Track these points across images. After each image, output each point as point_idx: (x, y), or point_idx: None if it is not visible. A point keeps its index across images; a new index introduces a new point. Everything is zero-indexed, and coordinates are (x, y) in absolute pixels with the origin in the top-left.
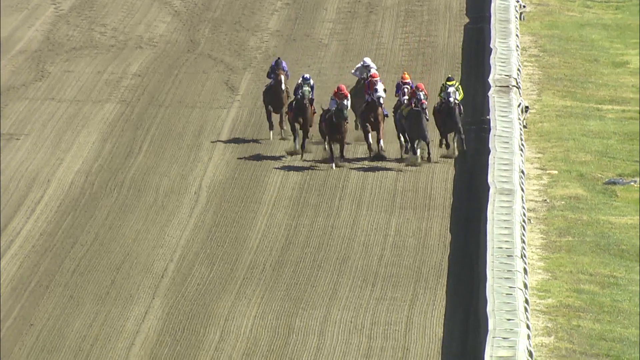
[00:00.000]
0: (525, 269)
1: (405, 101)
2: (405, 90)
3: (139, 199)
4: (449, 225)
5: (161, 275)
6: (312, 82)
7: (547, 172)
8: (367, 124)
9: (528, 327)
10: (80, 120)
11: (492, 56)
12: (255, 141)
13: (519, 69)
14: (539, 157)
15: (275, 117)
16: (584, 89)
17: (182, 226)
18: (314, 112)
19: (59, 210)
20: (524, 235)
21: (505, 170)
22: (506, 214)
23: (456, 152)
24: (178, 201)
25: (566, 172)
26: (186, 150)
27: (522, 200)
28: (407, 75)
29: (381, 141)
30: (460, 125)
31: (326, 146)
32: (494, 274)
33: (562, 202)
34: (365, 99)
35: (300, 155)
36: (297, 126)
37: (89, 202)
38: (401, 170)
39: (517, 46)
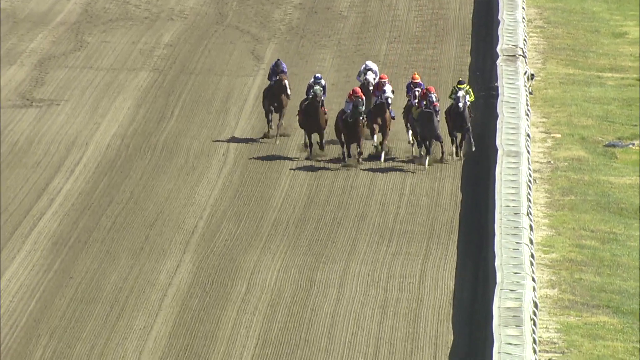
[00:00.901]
0: (531, 226)
1: (416, 103)
2: (417, 92)
3: (171, 160)
4: (459, 185)
5: (191, 231)
6: (323, 81)
7: (551, 135)
8: (375, 125)
9: (533, 280)
10: (116, 87)
11: (500, 27)
12: None
13: (525, 40)
14: (543, 122)
15: (274, 117)
16: (585, 58)
17: (211, 186)
18: (325, 113)
19: (97, 171)
20: (529, 194)
21: (512, 133)
22: (513, 174)
23: (463, 153)
24: (207, 162)
25: (569, 136)
26: (215, 115)
27: (528, 161)
28: (417, 76)
29: (385, 142)
30: (469, 126)
31: (343, 147)
32: (502, 230)
33: (565, 164)
34: (374, 101)
35: (311, 155)
36: (311, 128)
37: (124, 164)
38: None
39: (524, 18)
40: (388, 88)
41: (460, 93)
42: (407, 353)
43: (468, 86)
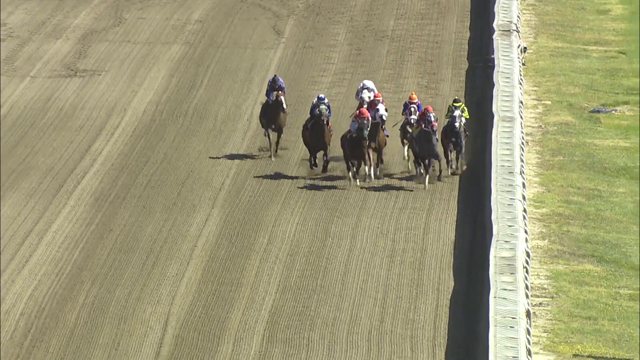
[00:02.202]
0: (523, 184)
1: (413, 120)
2: (412, 109)
3: (201, 124)
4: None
5: (219, 188)
6: (327, 100)
7: (542, 102)
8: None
9: (526, 232)
10: (151, 59)
11: (496, 5)
12: (298, 78)
13: (518, 16)
14: (535, 90)
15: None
16: (572, 33)
17: (237, 147)
18: (331, 132)
19: (134, 134)
20: (522, 155)
21: (507, 101)
22: (508, 137)
23: (459, 170)
24: (233, 126)
25: (558, 103)
26: (240, 84)
27: (521, 126)
28: (414, 96)
29: (382, 158)
30: (463, 146)
31: (348, 167)
32: (498, 187)
33: (555, 128)
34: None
35: (316, 172)
36: (316, 147)
37: (159, 128)
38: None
39: None
40: (382, 107)
41: (457, 112)
42: (413, 297)
43: (463, 105)
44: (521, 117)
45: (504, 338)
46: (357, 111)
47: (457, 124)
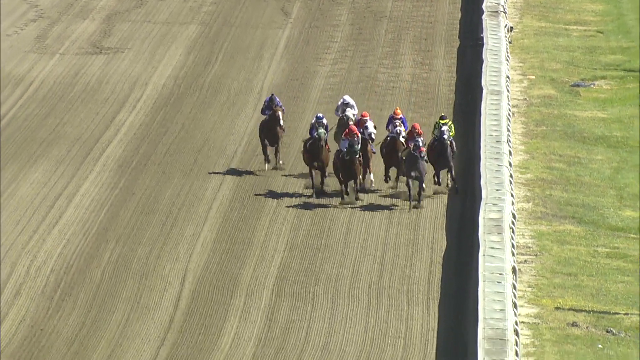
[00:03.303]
0: (510, 151)
1: (397, 131)
2: (397, 123)
3: (215, 97)
4: (451, 118)
5: (232, 156)
6: (325, 121)
7: (527, 77)
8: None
9: (512, 195)
10: (170, 38)
11: None
12: (304, 55)
13: None
14: (520, 66)
15: (270, 147)
16: (555, 14)
17: (248, 118)
18: (329, 151)
19: (154, 107)
20: (509, 125)
21: (494, 75)
22: (495, 109)
23: (448, 186)
24: (245, 99)
25: (541, 77)
26: (251, 60)
27: (508, 98)
28: (399, 111)
29: (371, 175)
30: (452, 163)
31: (341, 185)
32: (486, 154)
33: (538, 100)
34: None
35: (315, 193)
36: (314, 165)
37: (177, 100)
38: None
39: None
40: (370, 124)
41: (444, 128)
42: (409, 255)
43: (450, 121)
44: (508, 91)
45: (492, 292)
46: (347, 129)
47: (445, 137)
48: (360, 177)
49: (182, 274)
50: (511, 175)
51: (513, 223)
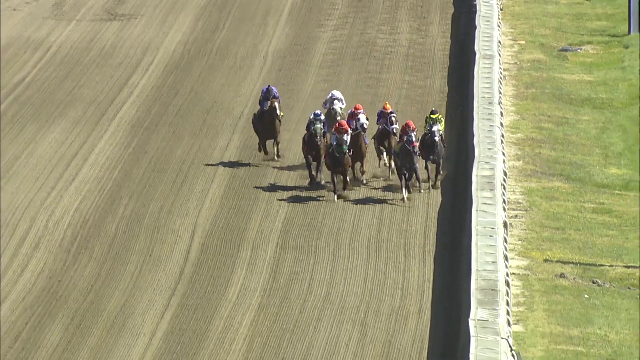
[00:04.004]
0: (501, 112)
1: (395, 130)
2: (393, 118)
3: (223, 61)
4: (446, 81)
5: (239, 116)
6: (322, 117)
7: (517, 42)
8: (350, 155)
9: (503, 154)
10: (180, 5)
11: None
12: (307, 21)
13: None
14: (511, 31)
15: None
16: None
17: (254, 81)
18: (327, 145)
19: (165, 70)
20: (500, 87)
21: (487, 40)
22: (488, 72)
23: (437, 181)
24: (251, 63)
25: (531, 42)
26: (257, 26)
27: (499, 62)
28: (388, 106)
29: (364, 168)
30: (441, 158)
31: (330, 178)
32: (479, 115)
33: (528, 64)
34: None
35: (316, 182)
36: (311, 158)
37: (187, 64)
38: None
39: None
40: (362, 116)
41: (435, 128)
42: (406, 211)
43: (440, 115)
44: (499, 55)
45: (484, 245)
46: (337, 124)
47: (436, 138)
48: (351, 169)
49: (191, 228)
50: (502, 135)
51: (504, 180)
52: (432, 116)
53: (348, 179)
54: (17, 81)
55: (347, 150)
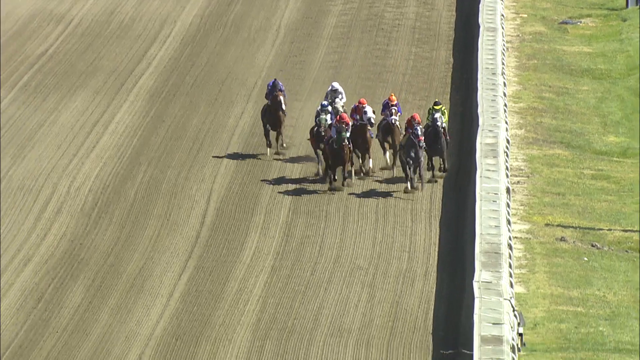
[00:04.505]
0: (504, 83)
1: (394, 121)
2: (394, 110)
3: (237, 34)
4: (451, 52)
5: (252, 87)
6: (330, 108)
7: (520, 15)
8: (356, 148)
9: (506, 123)
10: None
11: None
12: None
13: None
14: (514, 5)
15: (273, 134)
16: None
17: (267, 53)
18: (327, 137)
19: (182, 42)
20: (503, 59)
21: (490, 14)
22: (491, 44)
23: (439, 173)
24: (264, 36)
25: (532, 15)
26: (270, 0)
27: (502, 35)
28: (393, 97)
29: (370, 161)
30: (445, 151)
31: (328, 171)
32: (483, 86)
33: (530, 36)
34: (352, 124)
35: (321, 174)
36: (319, 152)
37: (203, 36)
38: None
39: None
40: (369, 109)
41: (437, 115)
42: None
43: (443, 107)
44: (502, 28)
45: (488, 210)
46: (338, 117)
47: (438, 124)
48: (358, 161)
49: (207, 193)
50: (505, 105)
51: (507, 147)
52: (435, 107)
53: (347, 172)
54: (40, 53)
55: (348, 142)
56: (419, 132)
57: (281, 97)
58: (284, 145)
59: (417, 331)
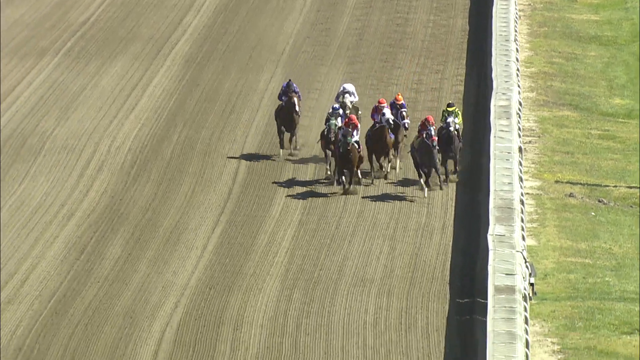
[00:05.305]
0: (517, 49)
1: (407, 125)
2: (404, 113)
3: (267, 3)
4: (467, 20)
5: (281, 53)
6: (341, 111)
7: None
8: (376, 150)
9: (519, 86)
10: None
11: None
12: None
13: None
14: None
15: (286, 135)
16: None
17: (295, 21)
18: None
19: (215, 11)
20: (516, 26)
21: None
22: (504, 12)
23: (452, 177)
24: (292, 5)
25: None
26: None
27: (515, 4)
28: (400, 97)
29: (396, 161)
30: (457, 153)
31: (336, 173)
32: (497, 51)
33: (541, 5)
34: (373, 124)
35: (331, 179)
36: (329, 153)
37: (234, 6)
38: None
39: None
40: (387, 111)
41: (450, 119)
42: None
43: (457, 108)
44: None
45: (502, 168)
46: (347, 118)
47: (452, 128)
48: (376, 162)
49: (239, 152)
50: (518, 69)
51: (519, 109)
52: (448, 109)
53: (355, 176)
54: (82, 20)
55: (357, 145)
56: (432, 133)
57: (295, 99)
58: (298, 147)
59: (435, 281)
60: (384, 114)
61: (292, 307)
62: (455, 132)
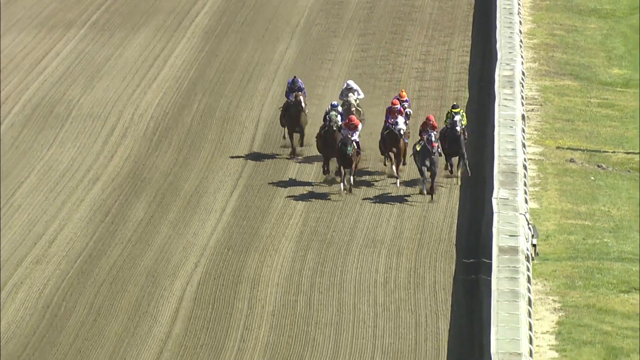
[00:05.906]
0: (520, 21)
1: (400, 131)
2: (409, 112)
3: None
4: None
5: (296, 25)
6: (340, 108)
7: None
8: (389, 152)
9: (522, 57)
10: None
11: None
12: None
13: None
14: None
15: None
16: None
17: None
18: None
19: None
20: (519, 0)
21: None
22: None
23: (459, 176)
24: None
25: None
26: None
27: None
28: (404, 94)
29: (401, 167)
30: (464, 151)
31: (339, 172)
32: (501, 24)
33: None
34: (386, 126)
35: (331, 179)
36: (325, 153)
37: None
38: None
39: None
40: (401, 120)
41: (457, 117)
42: (437, 106)
43: (462, 109)
44: None
45: (506, 135)
46: (347, 119)
47: (457, 127)
48: (389, 164)
49: (256, 120)
50: (521, 41)
51: (522, 79)
52: (453, 111)
53: (352, 178)
54: None
55: (357, 146)
56: (433, 139)
57: (301, 97)
58: (304, 145)
59: (442, 242)
60: (397, 123)
61: (306, 266)
62: (462, 131)
